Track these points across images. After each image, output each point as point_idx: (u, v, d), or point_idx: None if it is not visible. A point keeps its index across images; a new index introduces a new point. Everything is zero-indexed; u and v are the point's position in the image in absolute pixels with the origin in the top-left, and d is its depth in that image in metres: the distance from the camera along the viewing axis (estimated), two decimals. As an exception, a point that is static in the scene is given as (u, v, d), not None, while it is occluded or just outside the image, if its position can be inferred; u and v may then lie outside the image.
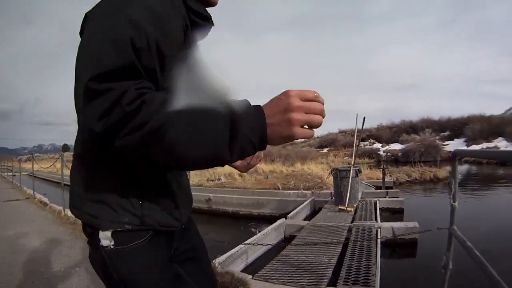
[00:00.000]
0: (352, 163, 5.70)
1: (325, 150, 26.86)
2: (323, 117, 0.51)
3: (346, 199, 5.33)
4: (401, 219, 5.39)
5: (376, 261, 2.83)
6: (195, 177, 9.73)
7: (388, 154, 23.00)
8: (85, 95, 0.48)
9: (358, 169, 5.79)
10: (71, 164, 0.67)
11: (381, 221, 4.66)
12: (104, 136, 0.48)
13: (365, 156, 23.28)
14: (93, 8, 0.56)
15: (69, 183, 0.70)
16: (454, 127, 24.55)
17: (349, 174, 5.37)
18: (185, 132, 0.46)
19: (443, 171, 11.09)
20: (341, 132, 32.49)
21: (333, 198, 6.00)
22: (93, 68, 0.47)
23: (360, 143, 29.47)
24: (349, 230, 4.02)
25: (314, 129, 0.51)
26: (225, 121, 0.46)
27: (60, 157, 5.93)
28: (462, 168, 14.96)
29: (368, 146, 26.66)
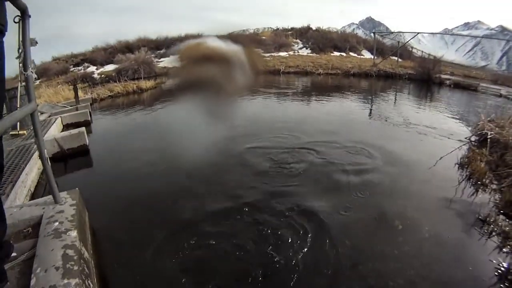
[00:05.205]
0: (20, 84, 4.91)
1: (37, 82, 21.35)
2: None
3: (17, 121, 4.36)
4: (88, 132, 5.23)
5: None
6: None
7: (103, 76, 21.99)
8: None
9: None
10: None
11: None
12: None
13: (79, 81, 21.49)
14: None
15: None
16: (170, 45, 26.08)
17: (17, 93, 4.75)
18: None
19: (150, 83, 11.68)
20: (55, 59, 28.46)
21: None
22: None
23: (74, 68, 26.07)
24: (7, 155, 3.54)
25: None
26: None
27: None
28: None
29: (82, 71, 25.05)
